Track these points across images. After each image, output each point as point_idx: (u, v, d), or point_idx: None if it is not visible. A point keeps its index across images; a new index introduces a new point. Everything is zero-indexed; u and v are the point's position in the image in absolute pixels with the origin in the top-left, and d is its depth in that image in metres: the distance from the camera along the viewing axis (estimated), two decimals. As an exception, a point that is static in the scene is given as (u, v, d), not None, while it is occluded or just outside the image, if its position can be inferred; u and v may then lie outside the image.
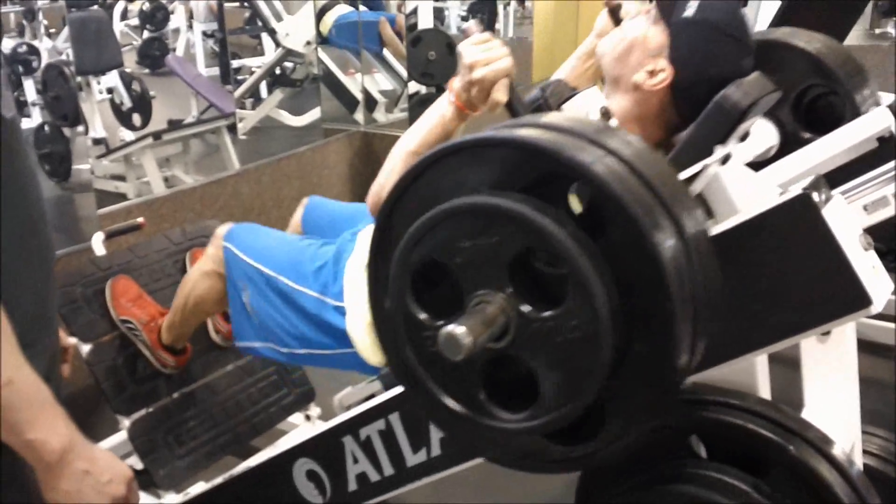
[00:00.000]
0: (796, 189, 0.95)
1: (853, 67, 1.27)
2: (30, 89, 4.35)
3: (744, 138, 1.15)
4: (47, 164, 3.91)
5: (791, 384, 1.26)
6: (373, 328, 1.17)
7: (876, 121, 1.39)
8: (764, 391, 1.11)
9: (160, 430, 1.94)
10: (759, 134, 1.29)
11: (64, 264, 2.32)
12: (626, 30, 1.31)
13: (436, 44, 4.73)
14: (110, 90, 3.95)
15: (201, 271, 1.75)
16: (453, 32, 6.52)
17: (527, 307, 0.80)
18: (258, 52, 5.57)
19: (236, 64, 5.12)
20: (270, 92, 4.90)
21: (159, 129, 3.83)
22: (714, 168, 1.10)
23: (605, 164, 0.78)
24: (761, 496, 0.97)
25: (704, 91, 1.16)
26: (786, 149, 1.27)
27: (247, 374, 2.15)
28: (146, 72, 5.10)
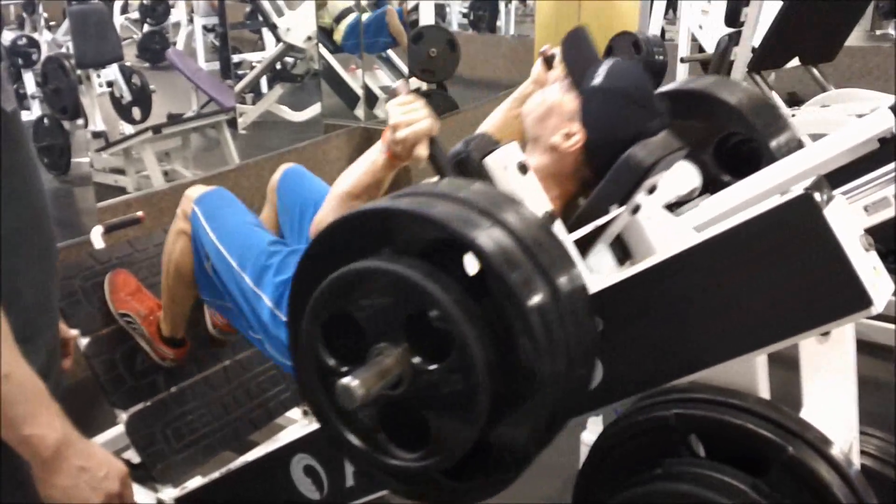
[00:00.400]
0: (798, 189, 0.95)
1: (771, 116, 1.37)
2: (29, 82, 4.35)
3: (652, 191, 1.24)
4: (47, 157, 3.91)
5: (790, 384, 1.26)
6: None
7: (877, 122, 1.39)
8: (763, 391, 1.10)
9: (158, 424, 1.94)
10: (683, 177, 1.39)
11: (63, 257, 2.30)
12: (545, 94, 1.42)
13: (437, 40, 4.73)
14: (110, 83, 3.94)
15: (173, 231, 1.80)
16: (454, 29, 6.53)
17: (418, 360, 0.89)
18: (259, 46, 5.58)
19: (237, 58, 5.12)
20: (271, 87, 4.90)
21: (159, 122, 3.83)
22: (626, 216, 1.20)
23: (489, 236, 0.88)
24: (760, 496, 0.97)
25: (613, 151, 1.25)
26: (709, 190, 1.38)
27: (245, 369, 2.14)
28: (146, 65, 5.10)
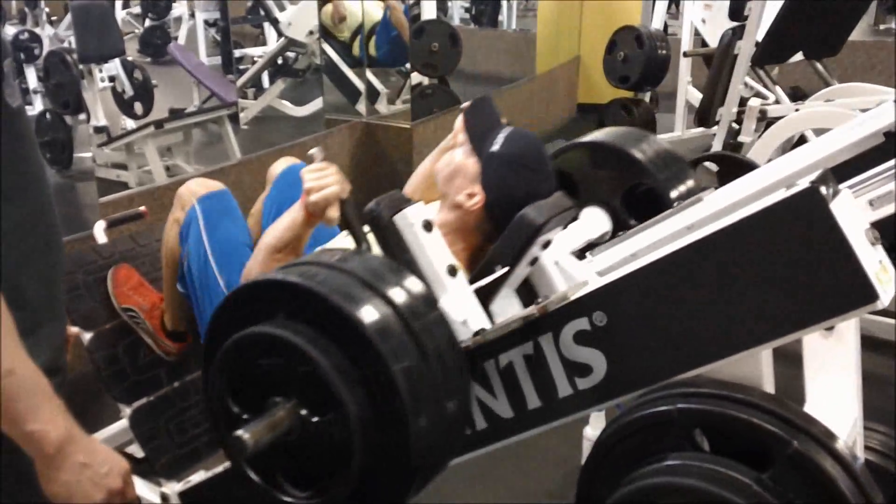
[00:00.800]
0: (804, 183, 0.95)
1: (674, 167, 1.57)
2: (31, 77, 4.34)
3: (546, 246, 1.36)
4: (49, 152, 3.91)
5: (793, 380, 1.26)
6: None
7: (882, 116, 1.39)
8: (768, 385, 1.10)
9: (161, 418, 1.94)
10: (594, 222, 1.55)
11: (65, 252, 2.31)
12: (454, 156, 1.54)
13: (438, 35, 4.73)
14: (112, 78, 3.94)
15: (169, 221, 1.87)
16: (456, 24, 6.52)
17: (305, 412, 1.00)
18: (260, 41, 5.57)
19: (238, 53, 5.11)
20: (272, 82, 4.89)
21: (161, 117, 3.83)
22: (525, 267, 1.35)
23: (365, 309, 0.99)
24: (764, 490, 0.97)
25: (510, 210, 1.35)
26: (618, 233, 1.54)
27: (248, 364, 2.14)
28: (148, 60, 5.09)
